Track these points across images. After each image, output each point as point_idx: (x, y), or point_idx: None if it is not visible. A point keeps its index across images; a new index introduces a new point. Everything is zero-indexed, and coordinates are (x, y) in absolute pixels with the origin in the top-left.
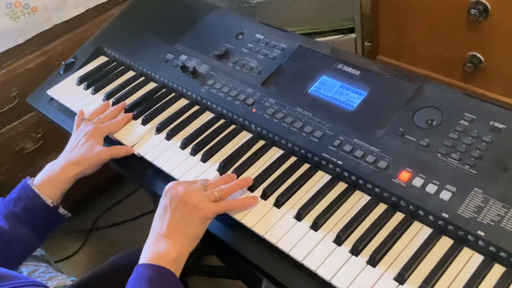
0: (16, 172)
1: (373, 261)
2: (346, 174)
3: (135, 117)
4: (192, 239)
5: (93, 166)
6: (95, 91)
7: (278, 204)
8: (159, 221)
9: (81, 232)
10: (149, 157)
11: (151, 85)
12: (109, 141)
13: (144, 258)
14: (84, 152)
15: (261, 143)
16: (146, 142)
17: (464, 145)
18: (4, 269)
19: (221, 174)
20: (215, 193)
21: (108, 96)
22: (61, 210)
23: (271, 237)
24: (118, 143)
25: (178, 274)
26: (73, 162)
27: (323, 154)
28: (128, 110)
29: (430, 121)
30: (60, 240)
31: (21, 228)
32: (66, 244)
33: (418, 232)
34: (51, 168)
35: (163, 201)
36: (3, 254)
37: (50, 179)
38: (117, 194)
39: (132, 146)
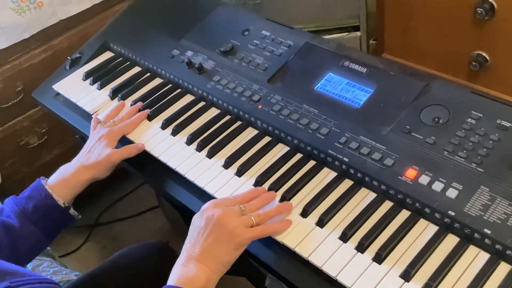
0: (20, 166)
1: (379, 258)
2: (352, 171)
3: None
4: (224, 265)
5: (105, 170)
6: (101, 86)
7: (284, 200)
8: (192, 243)
9: (84, 228)
10: (154, 153)
11: (157, 81)
12: (121, 139)
13: (173, 279)
14: (95, 156)
15: (267, 139)
16: (152, 137)
17: (471, 143)
18: (14, 265)
19: (226, 169)
20: (252, 218)
21: (114, 92)
22: (72, 211)
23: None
24: (130, 141)
25: None
26: (85, 166)
27: (329, 151)
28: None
29: (437, 119)
30: (63, 235)
31: (31, 227)
32: (69, 239)
33: (424, 230)
34: (65, 170)
35: (197, 222)
36: (12, 251)
37: (63, 181)
38: (120, 189)
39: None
